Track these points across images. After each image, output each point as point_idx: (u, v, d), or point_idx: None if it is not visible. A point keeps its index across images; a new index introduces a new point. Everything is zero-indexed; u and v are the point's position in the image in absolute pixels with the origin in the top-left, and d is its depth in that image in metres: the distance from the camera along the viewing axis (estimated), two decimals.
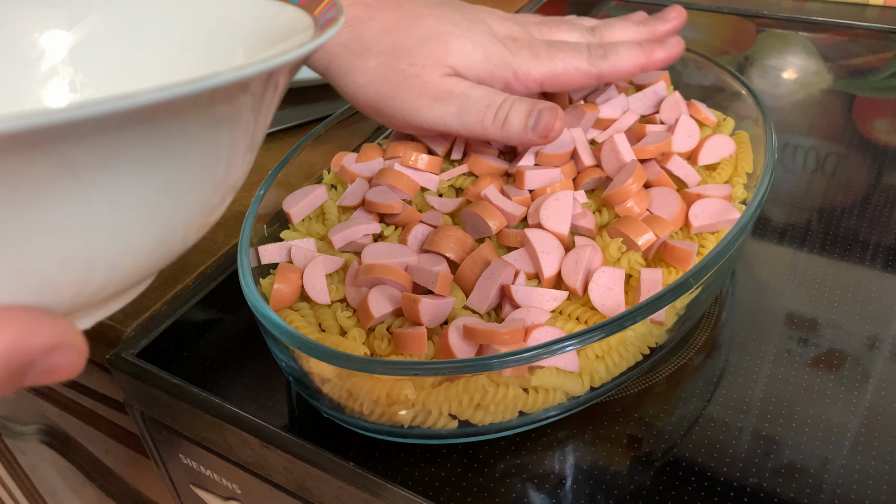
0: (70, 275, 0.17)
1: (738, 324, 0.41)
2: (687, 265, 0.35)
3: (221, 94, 0.17)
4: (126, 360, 0.41)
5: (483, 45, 0.41)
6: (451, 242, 0.37)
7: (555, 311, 0.34)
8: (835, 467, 0.33)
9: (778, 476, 0.33)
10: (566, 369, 0.32)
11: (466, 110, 0.40)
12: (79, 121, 0.14)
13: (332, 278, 0.38)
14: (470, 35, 0.41)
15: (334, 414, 0.35)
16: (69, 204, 0.16)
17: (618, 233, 0.36)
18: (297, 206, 0.43)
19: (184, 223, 0.20)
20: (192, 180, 0.19)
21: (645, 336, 0.34)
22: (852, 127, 0.59)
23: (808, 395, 0.36)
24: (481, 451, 0.35)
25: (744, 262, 0.45)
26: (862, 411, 0.35)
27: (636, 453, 0.34)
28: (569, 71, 0.42)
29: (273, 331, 0.32)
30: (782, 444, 0.34)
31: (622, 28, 0.46)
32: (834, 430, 0.35)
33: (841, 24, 0.75)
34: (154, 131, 0.16)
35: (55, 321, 0.17)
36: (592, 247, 0.35)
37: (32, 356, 0.16)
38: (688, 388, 0.37)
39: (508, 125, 0.40)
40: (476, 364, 0.30)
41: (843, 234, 0.47)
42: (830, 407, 0.36)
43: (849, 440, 0.34)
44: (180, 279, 0.46)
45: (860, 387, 0.37)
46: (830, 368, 0.38)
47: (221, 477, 0.43)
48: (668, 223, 0.36)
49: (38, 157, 0.14)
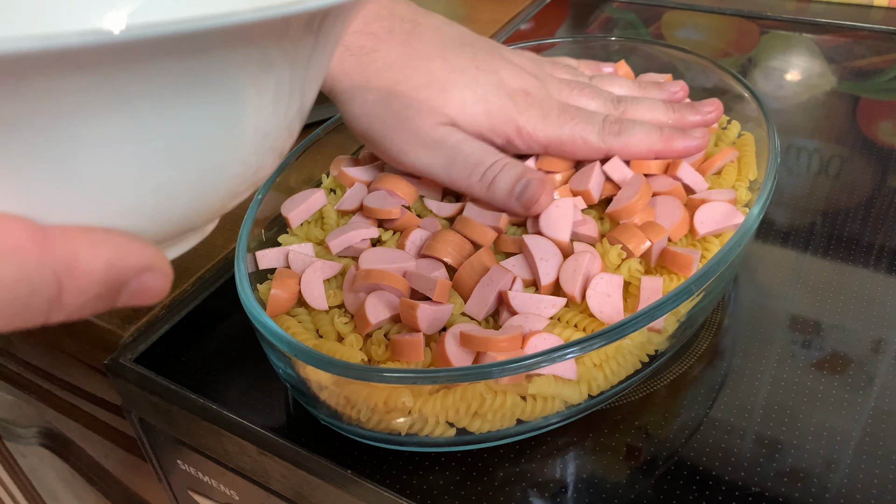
0: (153, 198, 0.18)
1: (742, 328, 0.40)
2: (688, 272, 0.35)
3: (279, 26, 0.18)
4: (123, 366, 0.41)
5: (487, 98, 0.39)
6: (450, 248, 0.36)
7: (553, 318, 0.34)
8: (839, 471, 0.33)
9: (782, 480, 0.32)
10: (564, 377, 0.31)
11: (454, 163, 0.39)
12: (163, 37, 0.15)
13: (329, 283, 0.38)
14: (475, 86, 0.39)
15: (332, 421, 0.34)
16: (142, 127, 0.17)
17: (616, 241, 0.36)
18: (296, 211, 0.42)
19: (238, 163, 0.21)
20: (244, 121, 0.20)
21: (644, 344, 0.33)
22: (856, 129, 0.58)
23: (812, 398, 0.36)
24: (480, 459, 0.34)
25: (747, 266, 0.45)
26: (866, 415, 0.35)
27: (637, 461, 0.34)
28: (575, 140, 0.40)
29: (269, 338, 0.32)
30: (786, 448, 0.34)
31: (649, 108, 0.43)
32: (838, 433, 0.34)
33: (845, 26, 0.74)
34: (211, 61, 0.17)
35: (147, 245, 0.18)
36: (591, 253, 0.34)
37: (127, 275, 0.17)
38: (690, 394, 0.37)
39: (494, 188, 0.38)
40: (474, 372, 0.29)
41: (848, 236, 0.46)
42: (835, 410, 0.35)
43: (853, 444, 0.34)
44: (178, 284, 0.46)
45: (864, 390, 0.36)
46: (835, 372, 0.37)
47: (220, 483, 0.42)
48: (663, 228, 0.36)
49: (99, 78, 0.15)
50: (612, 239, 0.36)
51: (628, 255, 0.36)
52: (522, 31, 0.80)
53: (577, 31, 0.80)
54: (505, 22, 0.82)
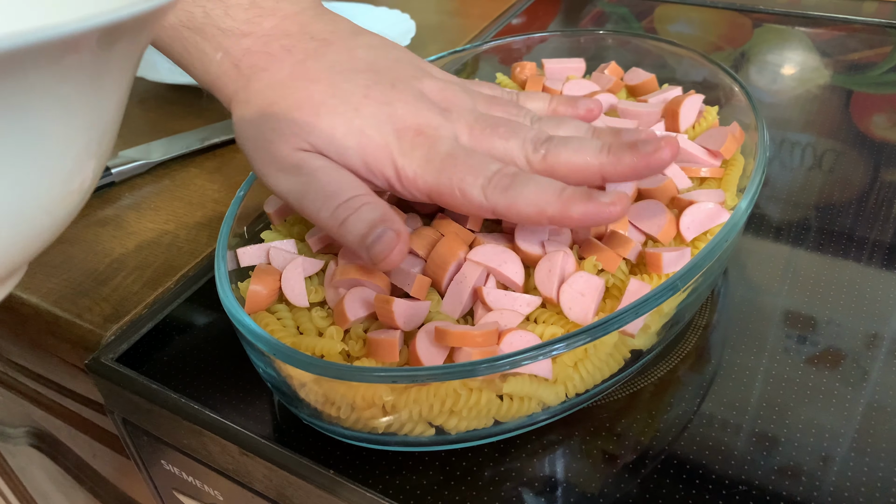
0: None
1: (732, 324, 0.40)
2: (659, 271, 0.34)
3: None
4: (105, 365, 0.40)
5: (363, 131, 0.34)
6: (426, 242, 0.36)
7: (530, 318, 0.33)
8: (832, 466, 0.32)
9: (774, 476, 0.32)
10: (540, 376, 0.31)
11: (307, 193, 0.34)
12: None
13: (311, 280, 0.37)
14: (352, 116, 0.35)
15: (314, 420, 0.34)
16: None
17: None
18: (279, 206, 0.42)
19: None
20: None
21: (618, 345, 0.33)
22: (850, 123, 0.58)
23: (804, 393, 0.35)
24: (464, 459, 0.34)
25: (738, 261, 0.44)
26: (860, 410, 0.35)
27: (624, 459, 0.33)
28: (454, 192, 0.33)
29: (248, 336, 0.31)
30: (779, 443, 0.33)
31: (577, 149, 0.34)
32: (831, 429, 0.34)
33: (838, 19, 0.74)
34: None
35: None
36: (564, 252, 0.34)
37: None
38: (679, 392, 0.36)
39: (345, 229, 0.33)
40: (454, 371, 0.29)
41: (841, 231, 0.46)
42: (828, 406, 0.35)
43: (847, 439, 0.33)
44: (162, 282, 0.45)
45: (858, 385, 0.36)
46: (828, 367, 0.37)
47: (203, 483, 0.42)
48: (629, 240, 0.35)
49: None
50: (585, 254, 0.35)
51: (603, 270, 0.35)
52: (514, 26, 0.79)
53: (568, 26, 0.80)
54: (496, 16, 0.81)
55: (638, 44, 0.55)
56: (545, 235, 0.35)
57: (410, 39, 0.72)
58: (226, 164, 0.57)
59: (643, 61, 0.53)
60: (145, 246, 0.49)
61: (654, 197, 0.38)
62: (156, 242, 0.49)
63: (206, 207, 0.52)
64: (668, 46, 0.52)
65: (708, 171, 0.40)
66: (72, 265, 0.48)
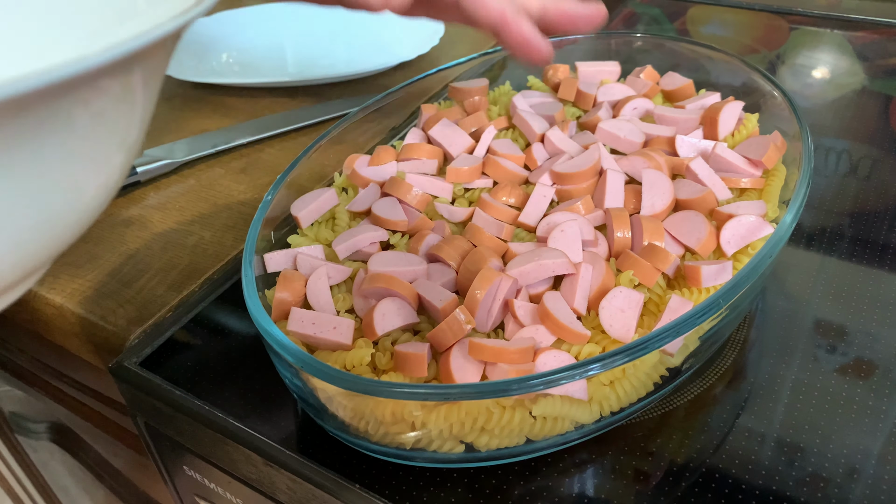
0: None
1: (769, 339, 0.38)
2: (698, 285, 0.33)
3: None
4: (128, 369, 0.40)
5: None
6: (457, 253, 0.35)
7: None
8: (862, 479, 0.31)
9: (804, 488, 0.31)
10: (575, 397, 0.30)
11: None
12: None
13: (339, 288, 0.37)
14: None
15: (339, 433, 0.33)
16: None
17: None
18: (306, 210, 0.41)
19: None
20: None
21: (657, 365, 0.32)
22: (888, 129, 0.56)
23: (849, 408, 0.34)
24: (493, 477, 0.33)
25: (774, 272, 0.43)
26: (891, 422, 0.33)
27: (656, 480, 0.32)
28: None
29: (275, 347, 0.31)
30: (809, 455, 0.32)
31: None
32: (862, 441, 0.33)
33: (879, 23, 0.72)
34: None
35: None
36: (592, 266, 0.33)
37: None
38: (714, 409, 0.35)
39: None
40: (484, 390, 0.28)
41: (876, 240, 0.44)
42: (858, 417, 0.34)
43: (876, 451, 0.32)
44: (186, 285, 0.45)
45: (890, 397, 0.35)
46: (859, 377, 0.36)
47: (226, 491, 0.41)
48: (668, 254, 0.34)
49: None
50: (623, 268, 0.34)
51: (640, 285, 0.34)
52: None
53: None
54: None
55: (671, 47, 0.53)
56: (579, 247, 0.34)
57: (439, 39, 0.71)
58: (252, 165, 0.57)
59: (678, 65, 0.52)
60: (170, 247, 0.48)
61: (692, 208, 0.37)
62: (181, 244, 0.49)
63: (232, 209, 0.52)
64: (702, 49, 0.51)
65: (749, 181, 0.39)
66: (96, 266, 0.47)
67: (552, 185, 0.40)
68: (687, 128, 0.43)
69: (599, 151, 0.40)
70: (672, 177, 0.40)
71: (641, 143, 0.42)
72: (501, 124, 0.47)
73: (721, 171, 0.40)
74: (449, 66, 0.53)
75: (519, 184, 0.42)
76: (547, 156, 0.43)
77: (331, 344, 0.33)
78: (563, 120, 0.46)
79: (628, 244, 0.35)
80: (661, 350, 0.30)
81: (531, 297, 0.34)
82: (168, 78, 0.71)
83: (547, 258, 0.33)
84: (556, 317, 0.31)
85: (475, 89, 0.49)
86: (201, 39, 0.78)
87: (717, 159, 0.40)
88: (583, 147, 0.42)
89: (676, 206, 0.38)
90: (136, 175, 0.54)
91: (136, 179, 0.54)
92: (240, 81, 0.66)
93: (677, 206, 0.37)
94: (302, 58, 0.75)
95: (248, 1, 0.85)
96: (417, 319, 0.34)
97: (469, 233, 0.37)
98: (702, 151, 0.41)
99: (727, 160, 0.40)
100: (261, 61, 0.74)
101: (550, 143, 0.43)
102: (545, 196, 0.39)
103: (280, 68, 0.73)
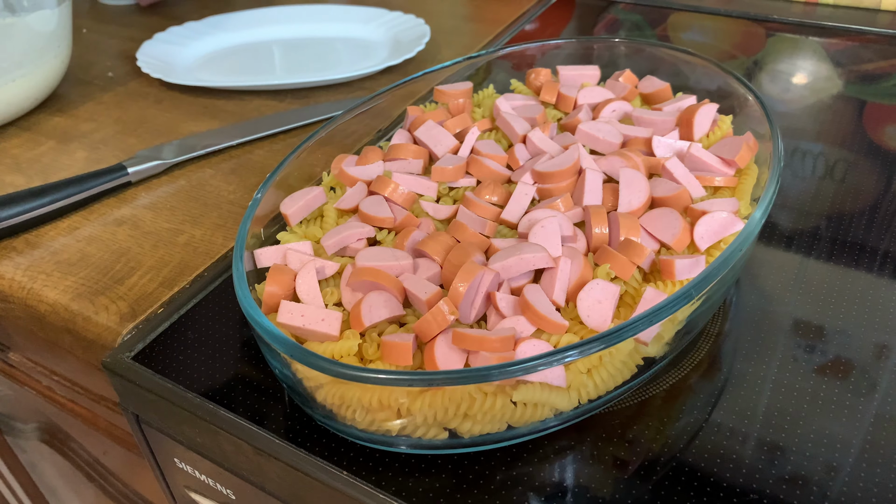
0: None
1: (743, 332, 0.40)
2: (672, 278, 0.34)
3: None
4: (121, 364, 0.41)
5: None
6: (441, 248, 0.36)
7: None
8: (840, 477, 0.32)
9: (783, 484, 0.32)
10: (554, 384, 0.31)
11: None
12: None
13: (327, 282, 0.38)
14: None
15: (327, 422, 0.34)
16: None
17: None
18: (295, 208, 0.42)
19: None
20: None
21: (632, 353, 0.33)
22: (863, 133, 0.58)
23: (815, 403, 0.36)
24: (476, 463, 0.34)
25: (750, 269, 0.44)
26: (868, 421, 0.35)
27: (634, 466, 0.33)
28: None
29: (265, 337, 0.32)
30: (788, 452, 0.33)
31: None
32: (840, 439, 0.34)
33: (852, 30, 0.74)
34: None
35: None
36: (571, 259, 0.34)
37: None
38: (689, 399, 0.36)
39: None
40: (468, 376, 0.29)
41: (852, 241, 0.46)
42: (836, 416, 0.35)
43: (854, 450, 0.33)
44: (178, 282, 0.46)
45: (867, 396, 0.36)
46: (838, 377, 0.37)
47: (216, 482, 0.42)
48: (643, 248, 0.35)
49: None
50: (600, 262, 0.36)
51: (617, 278, 0.35)
52: (527, 32, 0.79)
53: (582, 33, 0.80)
54: (509, 22, 0.82)
55: (651, 52, 0.55)
56: (558, 242, 0.36)
57: (425, 44, 0.73)
58: (241, 166, 0.58)
59: (657, 69, 0.54)
60: (161, 245, 0.49)
61: (668, 205, 0.38)
62: (172, 242, 0.50)
63: (222, 208, 0.53)
64: (681, 55, 0.53)
65: (722, 180, 0.41)
66: (88, 264, 0.48)
67: (533, 183, 0.42)
68: (664, 129, 0.45)
69: (579, 152, 0.41)
70: (649, 176, 0.41)
71: (620, 144, 0.44)
72: (485, 126, 0.49)
73: (696, 170, 0.41)
74: (434, 69, 0.54)
75: (501, 183, 0.43)
76: (529, 156, 0.45)
77: (319, 335, 0.34)
78: (544, 122, 0.48)
79: (606, 239, 0.37)
80: (635, 338, 0.32)
81: (512, 289, 0.35)
82: (159, 81, 0.72)
83: (528, 253, 0.34)
84: (536, 308, 0.32)
85: (460, 92, 0.51)
86: (191, 43, 0.79)
87: (692, 159, 0.42)
88: (563, 147, 0.44)
89: (652, 203, 0.39)
90: (127, 176, 0.55)
91: (128, 180, 0.55)
92: (229, 85, 0.68)
93: (653, 204, 0.39)
94: (290, 62, 0.76)
95: (237, 5, 0.87)
96: (403, 312, 0.35)
97: (453, 229, 0.38)
98: (677, 151, 0.43)
99: (702, 160, 0.41)
100: (250, 65, 0.76)
101: (532, 143, 0.45)
102: (526, 194, 0.40)
103: (269, 72, 0.74)
